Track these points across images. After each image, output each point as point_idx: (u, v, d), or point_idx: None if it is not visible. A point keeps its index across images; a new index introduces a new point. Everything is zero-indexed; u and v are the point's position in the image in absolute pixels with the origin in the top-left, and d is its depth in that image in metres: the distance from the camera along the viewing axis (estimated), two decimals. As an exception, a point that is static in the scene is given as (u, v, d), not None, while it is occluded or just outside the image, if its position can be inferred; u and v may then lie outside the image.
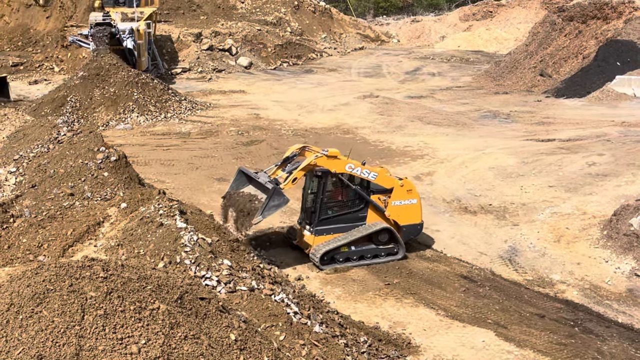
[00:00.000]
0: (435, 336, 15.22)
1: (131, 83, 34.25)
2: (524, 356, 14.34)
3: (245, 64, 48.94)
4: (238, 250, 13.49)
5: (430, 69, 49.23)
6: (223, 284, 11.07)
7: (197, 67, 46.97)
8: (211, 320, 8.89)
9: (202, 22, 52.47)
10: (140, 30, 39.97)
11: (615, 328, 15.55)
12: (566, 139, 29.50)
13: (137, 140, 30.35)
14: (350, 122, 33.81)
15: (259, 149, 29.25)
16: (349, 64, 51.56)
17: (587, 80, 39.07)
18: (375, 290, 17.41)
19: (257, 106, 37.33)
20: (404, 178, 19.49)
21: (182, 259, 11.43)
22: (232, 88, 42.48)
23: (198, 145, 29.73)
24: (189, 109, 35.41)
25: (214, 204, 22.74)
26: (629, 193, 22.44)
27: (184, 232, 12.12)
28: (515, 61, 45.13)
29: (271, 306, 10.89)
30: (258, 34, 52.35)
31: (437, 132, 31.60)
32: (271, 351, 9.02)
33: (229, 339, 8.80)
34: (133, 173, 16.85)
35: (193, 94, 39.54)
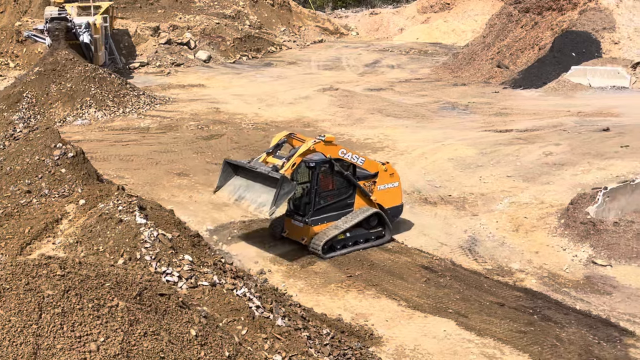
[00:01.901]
0: (397, 327, 15.33)
1: (88, 78, 33.83)
2: (485, 344, 14.52)
3: (204, 57, 48.64)
4: (199, 246, 13.43)
5: (390, 62, 49.42)
6: (184, 279, 11.02)
7: (156, 61, 46.57)
8: (171, 316, 8.86)
9: (159, 15, 51.99)
10: (96, 24, 39.47)
11: (573, 315, 15.81)
12: (523, 130, 29.87)
13: (95, 136, 30.02)
14: (311, 115, 33.82)
15: (220, 143, 29.12)
16: (308, 57, 51.53)
17: (543, 71, 39.59)
18: (338, 282, 17.47)
19: (216, 100, 37.14)
20: (387, 163, 20.07)
21: (142, 255, 11.35)
22: (191, 82, 42.20)
23: (157, 140, 29.49)
24: (147, 103, 35.08)
25: (175, 199, 22.63)
26: (585, 182, 22.81)
27: (143, 228, 12.03)
28: (472, 53, 45.51)
29: (233, 301, 10.87)
30: (216, 27, 52.04)
31: (396, 124, 31.76)
32: (232, 346, 9.01)
33: (189, 334, 8.78)
34: (91, 169, 16.67)
35: (152, 89, 39.20)
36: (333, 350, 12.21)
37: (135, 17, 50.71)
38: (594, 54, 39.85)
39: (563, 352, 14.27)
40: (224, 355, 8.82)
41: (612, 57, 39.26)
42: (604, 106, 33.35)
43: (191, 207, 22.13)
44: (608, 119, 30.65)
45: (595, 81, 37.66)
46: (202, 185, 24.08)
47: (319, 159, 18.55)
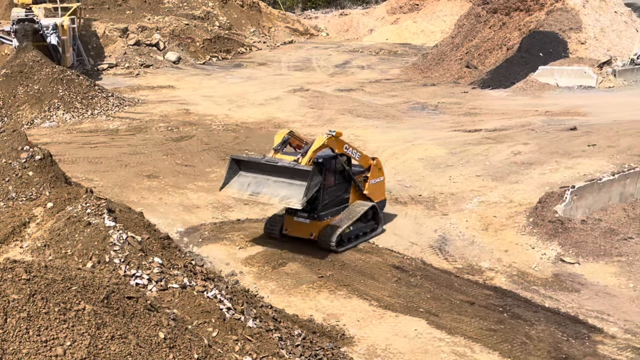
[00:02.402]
0: (368, 326, 15.38)
1: (56, 80, 33.48)
2: (455, 343, 14.61)
3: (173, 58, 48.38)
4: (169, 248, 13.34)
5: (360, 62, 49.53)
6: (154, 282, 10.94)
7: (124, 63, 46.22)
8: (139, 319, 8.79)
9: (128, 16, 51.59)
10: (64, 25, 39.09)
11: (542, 312, 15.97)
12: (492, 129, 30.10)
13: (63, 138, 29.72)
14: (281, 116, 33.78)
15: (190, 144, 28.99)
16: (278, 58, 51.48)
17: (511, 71, 39.92)
18: (309, 283, 17.49)
19: (186, 101, 36.95)
20: (376, 158, 20.79)
21: (111, 258, 11.25)
22: (161, 83, 41.94)
23: (126, 142, 29.28)
24: (116, 105, 34.80)
25: (144, 201, 22.48)
26: (553, 181, 23.04)
27: (112, 231, 11.92)
28: (442, 53, 45.76)
29: (203, 303, 10.82)
30: (186, 28, 51.78)
31: (367, 125, 31.84)
32: (202, 348, 8.98)
33: (157, 337, 8.72)
34: (59, 172, 16.49)
35: (120, 90, 38.88)
36: (305, 351, 12.21)
37: (103, 18, 50.29)
38: (561, 54, 40.28)
39: (532, 349, 14.40)
40: (193, 357, 8.78)
41: (579, 57, 39.73)
42: (571, 106, 33.72)
43: (161, 209, 22.01)
44: (575, 119, 31.00)
45: (563, 81, 38.07)
46: (172, 187, 23.96)
47: (327, 155, 19.06)
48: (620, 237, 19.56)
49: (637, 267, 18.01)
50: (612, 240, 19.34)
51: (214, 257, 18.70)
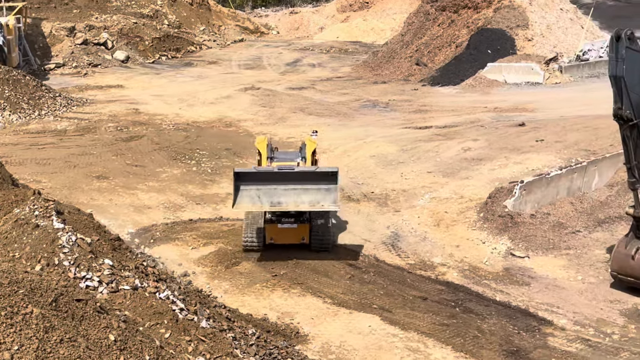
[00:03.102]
0: (322, 324, 15.41)
1: (1, 80, 32.78)
2: (409, 338, 14.73)
3: (122, 58, 47.78)
4: (120, 249, 13.18)
5: (311, 60, 49.56)
6: (105, 284, 10.80)
7: (72, 62, 45.48)
8: (89, 321, 8.68)
9: (75, 15, 50.79)
10: (9, 25, 38.32)
11: (493, 306, 16.18)
12: (442, 126, 30.39)
13: (9, 140, 29.13)
14: (233, 115, 33.65)
15: (140, 144, 28.68)
16: (229, 57, 51.23)
17: (460, 68, 40.34)
18: (263, 282, 17.45)
19: (136, 101, 36.54)
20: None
21: (60, 261, 11.07)
22: (109, 83, 41.39)
23: (75, 143, 28.83)
24: (64, 105, 34.24)
25: (94, 202, 22.18)
26: (503, 176, 23.35)
27: (61, 233, 11.73)
28: (392, 51, 46.03)
29: (156, 304, 10.72)
30: (134, 27, 51.18)
31: (319, 123, 31.85)
32: (153, 349, 8.90)
33: (108, 339, 8.63)
34: (6, 174, 16.15)
35: (68, 90, 38.26)
36: (259, 350, 12.18)
37: (50, 17, 49.42)
38: (508, 50, 40.83)
39: (484, 342, 14.59)
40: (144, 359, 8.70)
41: (526, 54, 40.33)
42: (519, 102, 34.23)
43: (111, 210, 21.74)
44: (523, 114, 31.47)
45: (511, 77, 38.61)
46: (122, 187, 23.69)
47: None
48: (569, 231, 19.93)
49: (585, 260, 18.37)
50: (561, 233, 19.70)
51: (166, 257, 18.54)
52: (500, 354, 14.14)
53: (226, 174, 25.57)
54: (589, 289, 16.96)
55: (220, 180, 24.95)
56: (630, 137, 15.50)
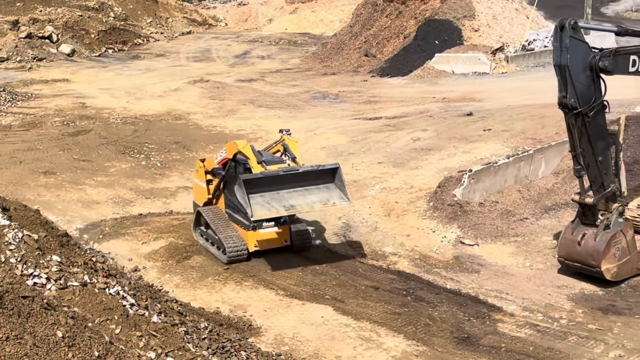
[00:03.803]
0: (275, 316, 15.42)
1: (-58, 75, 32.02)
2: (361, 328, 14.81)
3: (67, 51, 46.97)
4: (68, 245, 13.00)
5: (260, 52, 49.38)
6: (53, 280, 10.63)
7: (16, 57, 44.58)
8: (36, 318, 8.56)
9: (18, 8, 49.76)
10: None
11: (444, 294, 16.37)
12: (392, 117, 30.55)
13: (-48, 136, 28.47)
14: (182, 108, 33.37)
15: (87, 139, 28.26)
16: (177, 49, 50.76)
17: (408, 59, 40.58)
18: (215, 275, 17.38)
19: (82, 95, 35.99)
20: None
21: (7, 258, 10.86)
22: (55, 77, 40.67)
23: (21, 138, 28.30)
24: (8, 100, 33.57)
25: (41, 198, 21.81)
26: (452, 165, 23.58)
27: (7, 230, 11.51)
28: (341, 42, 46.11)
29: (105, 300, 10.59)
30: (79, 20, 50.35)
31: (269, 115, 31.80)
32: (102, 345, 8.81)
33: (55, 336, 8.51)
34: (-52, 171, 15.81)
35: (13, 85, 37.52)
36: (211, 344, 12.13)
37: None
38: (455, 41, 41.18)
39: (436, 330, 14.75)
40: (93, 355, 8.60)
41: (473, 44, 40.75)
42: (467, 92, 34.59)
43: (59, 206, 21.41)
44: (471, 104, 31.79)
45: (458, 68, 38.99)
46: (69, 183, 23.33)
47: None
48: (517, 218, 20.25)
49: (533, 247, 18.69)
50: (509, 221, 20.00)
51: (116, 253, 18.32)
52: (451, 341, 14.31)
53: (176, 167, 25.40)
54: (537, 275, 17.26)
55: (170, 174, 24.75)
56: (575, 125, 15.78)
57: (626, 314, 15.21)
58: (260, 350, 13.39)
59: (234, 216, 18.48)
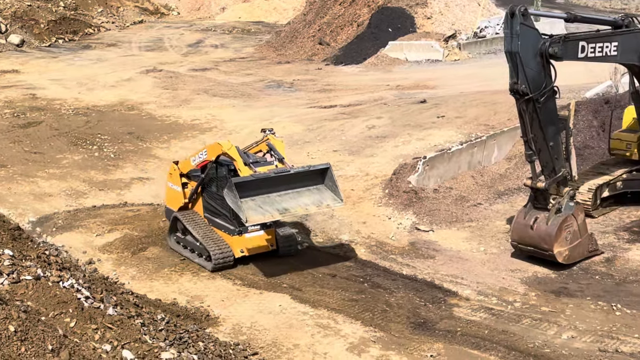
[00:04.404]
0: (233, 306, 15.40)
1: None
2: (319, 315, 14.88)
3: (16, 42, 46.05)
4: (20, 239, 12.82)
5: (213, 41, 49.02)
6: (5, 274, 10.48)
7: (-38, 47, 43.60)
8: (-14, 313, 8.44)
9: (-36, -2, 48.62)
10: None
11: (400, 280, 16.51)
12: (347, 105, 30.63)
13: None
14: (135, 98, 33.00)
15: (38, 130, 27.78)
16: (129, 38, 50.12)
17: (362, 47, 40.70)
18: (171, 266, 17.29)
19: (32, 86, 35.34)
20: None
21: (-43, 254, 10.71)
22: (4, 68, 39.83)
23: (-31, 131, 27.73)
24: (-45, 92, 32.83)
25: (-9, 192, 21.43)
26: (406, 152, 23.75)
27: (-43, 225, 11.34)
28: (294, 31, 46.00)
29: (59, 293, 10.47)
30: (28, 9, 49.36)
31: (224, 104, 31.64)
32: (56, 339, 8.72)
33: (7, 330, 8.40)
34: None
35: (-41, 76, 36.72)
36: (169, 335, 12.07)
37: None
38: (408, 29, 41.40)
39: (393, 316, 14.88)
40: (46, 349, 8.51)
41: (426, 32, 41.01)
42: (420, 79, 34.81)
43: (10, 200, 21.06)
44: (425, 91, 32.03)
45: (412, 55, 39.21)
46: (21, 175, 22.95)
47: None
48: (470, 204, 20.51)
49: (486, 232, 18.95)
50: (463, 207, 20.25)
51: (70, 245, 18.10)
52: (407, 326, 14.45)
53: (129, 158, 25.15)
54: (491, 259, 17.51)
55: (124, 165, 24.49)
56: (526, 111, 16.01)
57: (578, 296, 15.52)
58: (218, 340, 13.36)
59: (215, 221, 17.59)
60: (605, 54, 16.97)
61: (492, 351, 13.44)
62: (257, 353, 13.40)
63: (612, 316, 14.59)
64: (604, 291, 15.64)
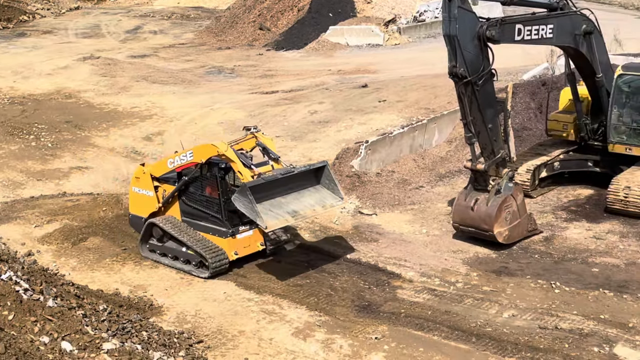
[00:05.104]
0: (177, 294, 15.28)
1: None
2: (264, 301, 14.86)
3: (-54, 29, 44.71)
4: (-46, 233, 12.51)
5: (152, 27, 48.32)
6: (-61, 269, 10.24)
7: None
8: None
9: None
10: None
11: (345, 264, 16.59)
12: (288, 90, 30.57)
13: None
14: (72, 86, 32.37)
15: (-29, 121, 27.09)
16: (65, 25, 49.07)
17: (303, 32, 40.63)
18: (113, 256, 17.06)
19: (-36, 75, 34.40)
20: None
21: None
22: None
23: None
24: None
25: None
26: (349, 137, 23.84)
27: None
28: (235, 16, 45.64)
29: (-3, 286, 10.27)
30: (-41, -4, 47.97)
31: (163, 91, 31.26)
32: (-8, 332, 8.55)
33: (-58, 325, 8.20)
34: None
35: None
36: (111, 325, 11.93)
37: None
38: (349, 13, 41.49)
39: (337, 299, 14.95)
40: (-18, 343, 8.34)
41: (366, 16, 41.15)
42: (361, 63, 34.92)
43: (-56, 192, 20.50)
44: (366, 76, 32.15)
45: (352, 40, 39.30)
46: (-46, 167, 22.35)
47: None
48: (412, 187, 20.70)
49: (428, 214, 19.16)
50: (405, 190, 20.43)
51: (8, 237, 17.68)
52: (352, 309, 14.54)
53: (68, 147, 24.69)
54: (434, 241, 17.72)
55: (62, 154, 24.03)
56: (465, 94, 16.18)
57: (518, 275, 15.82)
58: (162, 330, 13.26)
59: (199, 224, 16.60)
60: (541, 36, 17.24)
61: (435, 331, 13.62)
62: (202, 341, 13.33)
63: (551, 294, 14.91)
64: (543, 270, 15.97)
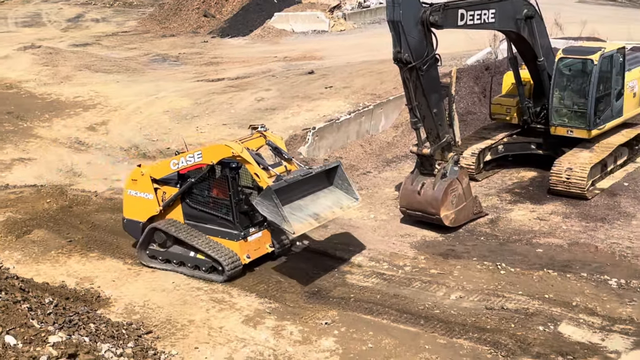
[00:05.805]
0: (125, 285, 15.12)
1: None
2: (213, 290, 14.80)
3: None
4: None
5: (94, 15, 47.57)
6: None
7: None
8: None
9: None
10: None
11: (293, 250, 16.57)
12: (235, 77, 30.40)
13: None
14: (13, 76, 31.73)
15: None
16: (4, 14, 48.00)
17: (248, 18, 40.44)
18: (58, 248, 16.79)
19: None
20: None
21: None
22: None
23: None
24: None
25: None
26: (296, 124, 23.84)
27: None
28: (178, 3, 45.19)
29: (-63, 282, 10.03)
30: None
31: (107, 80, 30.82)
32: None
33: None
34: None
35: None
36: (58, 318, 11.74)
37: None
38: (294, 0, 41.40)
39: (287, 286, 14.95)
40: None
41: (311, 2, 41.13)
42: (307, 50, 34.92)
43: None
44: (312, 62, 32.15)
45: (298, 26, 39.26)
46: None
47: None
48: (360, 172, 20.81)
49: (376, 199, 19.28)
50: (353, 175, 20.50)
51: (-52, 233, 17.30)
52: (302, 295, 14.57)
53: (9, 139, 24.19)
54: (382, 225, 17.85)
55: (4, 145, 23.53)
56: (410, 79, 16.29)
57: (465, 257, 16.04)
58: (110, 321, 13.10)
59: (205, 227, 15.83)
60: (483, 21, 17.42)
61: (384, 315, 13.73)
62: (152, 331, 13.22)
63: (497, 275, 15.16)
64: (489, 251, 16.22)
